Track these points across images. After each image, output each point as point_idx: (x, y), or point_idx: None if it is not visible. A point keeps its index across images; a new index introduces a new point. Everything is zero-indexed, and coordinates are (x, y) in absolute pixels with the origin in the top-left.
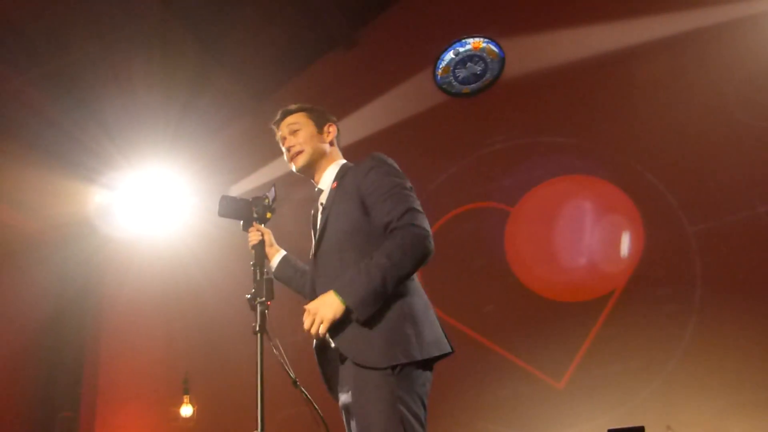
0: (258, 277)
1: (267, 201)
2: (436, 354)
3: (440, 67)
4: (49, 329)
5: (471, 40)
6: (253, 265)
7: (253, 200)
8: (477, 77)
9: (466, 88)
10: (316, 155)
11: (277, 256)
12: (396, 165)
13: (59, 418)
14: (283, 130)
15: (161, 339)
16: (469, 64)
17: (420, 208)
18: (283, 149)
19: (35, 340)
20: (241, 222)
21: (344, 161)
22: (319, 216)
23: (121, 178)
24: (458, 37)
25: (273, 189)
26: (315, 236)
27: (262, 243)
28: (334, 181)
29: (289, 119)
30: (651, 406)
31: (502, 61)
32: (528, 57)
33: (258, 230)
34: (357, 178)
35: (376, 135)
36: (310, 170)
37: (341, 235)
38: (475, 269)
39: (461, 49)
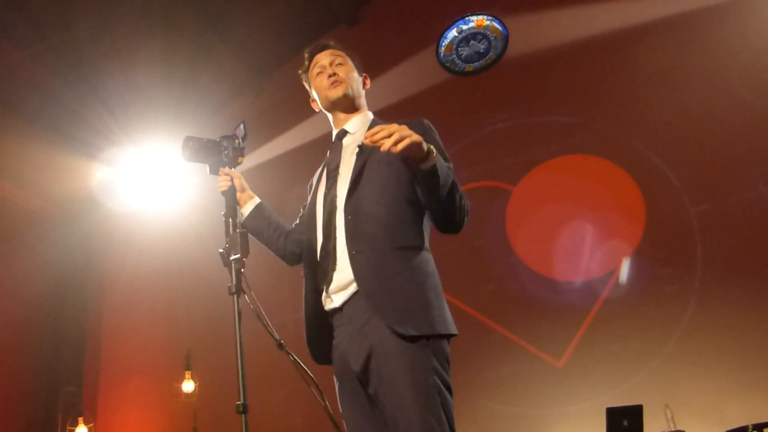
0: (231, 231)
1: (237, 142)
2: (456, 333)
3: (443, 45)
4: (52, 305)
5: (474, 18)
6: (225, 215)
7: (221, 140)
8: (480, 55)
9: (470, 67)
10: (356, 94)
11: (249, 203)
12: None
13: (62, 393)
14: (325, 58)
15: (163, 314)
16: (472, 42)
17: None
18: (319, 76)
19: (38, 317)
20: (208, 166)
21: (373, 115)
22: (347, 157)
23: (122, 154)
24: (462, 15)
25: (242, 126)
26: (329, 176)
27: (232, 189)
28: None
29: (335, 51)
30: (650, 385)
31: (506, 39)
32: (532, 35)
33: (227, 174)
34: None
35: (378, 113)
36: (344, 105)
37: (384, 181)
38: (477, 248)
39: (465, 27)
